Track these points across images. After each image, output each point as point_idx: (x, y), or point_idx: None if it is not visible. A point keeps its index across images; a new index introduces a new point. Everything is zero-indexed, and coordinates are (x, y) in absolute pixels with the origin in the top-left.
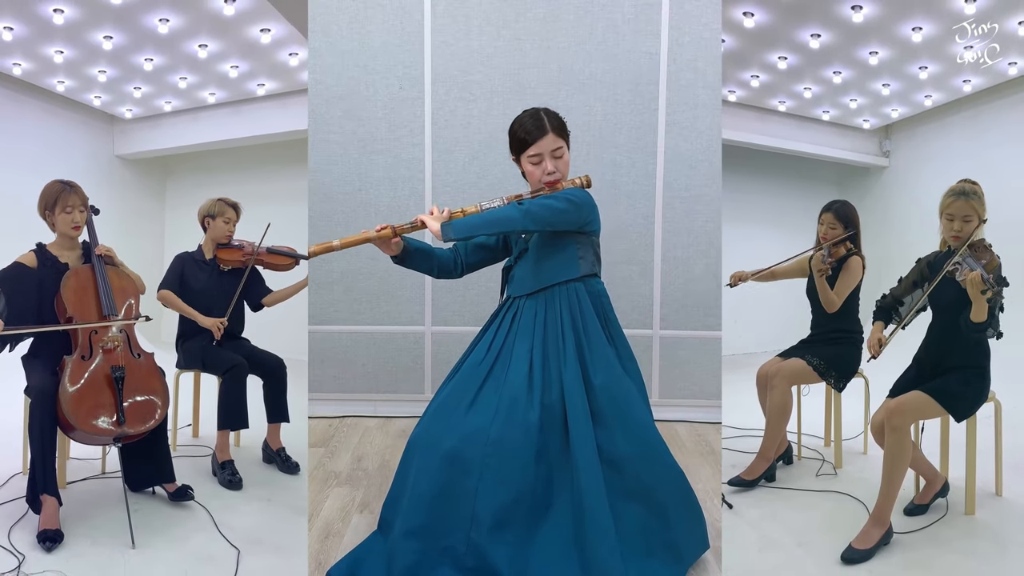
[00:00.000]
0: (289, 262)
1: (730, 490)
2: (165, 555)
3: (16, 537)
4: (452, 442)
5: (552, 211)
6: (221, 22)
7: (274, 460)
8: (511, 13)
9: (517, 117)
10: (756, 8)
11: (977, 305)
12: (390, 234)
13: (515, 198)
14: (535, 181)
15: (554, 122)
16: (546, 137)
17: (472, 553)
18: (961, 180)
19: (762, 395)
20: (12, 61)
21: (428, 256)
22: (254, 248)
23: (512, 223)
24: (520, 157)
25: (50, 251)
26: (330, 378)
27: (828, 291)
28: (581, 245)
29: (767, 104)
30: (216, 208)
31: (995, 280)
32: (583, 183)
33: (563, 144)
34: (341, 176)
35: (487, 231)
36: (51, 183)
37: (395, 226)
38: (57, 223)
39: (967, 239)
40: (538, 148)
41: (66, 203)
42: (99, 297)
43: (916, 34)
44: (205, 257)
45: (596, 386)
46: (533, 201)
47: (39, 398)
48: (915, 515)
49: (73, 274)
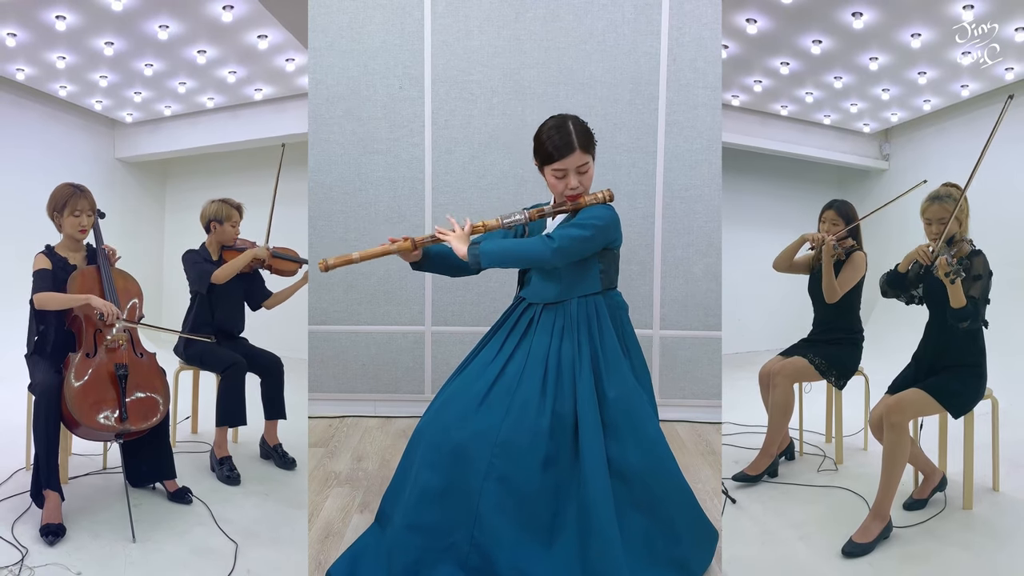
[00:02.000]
0: (294, 267)
1: (734, 485)
2: (165, 548)
3: (20, 531)
4: (460, 439)
5: (581, 242)
6: (219, 29)
7: (271, 456)
8: (511, 13)
9: (544, 125)
10: (759, 14)
11: (950, 290)
12: (409, 247)
13: (537, 213)
14: (557, 194)
15: (582, 139)
16: (572, 155)
17: (475, 552)
18: (941, 185)
19: (765, 393)
20: (15, 66)
21: (446, 260)
22: (268, 254)
23: (542, 261)
24: (543, 167)
25: (58, 252)
26: (330, 378)
27: (833, 280)
28: (604, 261)
29: (770, 108)
30: (223, 212)
31: (958, 261)
32: (606, 197)
33: (589, 160)
34: (341, 176)
35: (516, 265)
36: (62, 185)
37: (415, 239)
38: (64, 225)
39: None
40: (564, 164)
41: (75, 207)
42: (104, 297)
43: (915, 40)
44: (212, 258)
45: (610, 399)
46: (561, 236)
47: (44, 395)
48: (914, 510)
49: (79, 274)
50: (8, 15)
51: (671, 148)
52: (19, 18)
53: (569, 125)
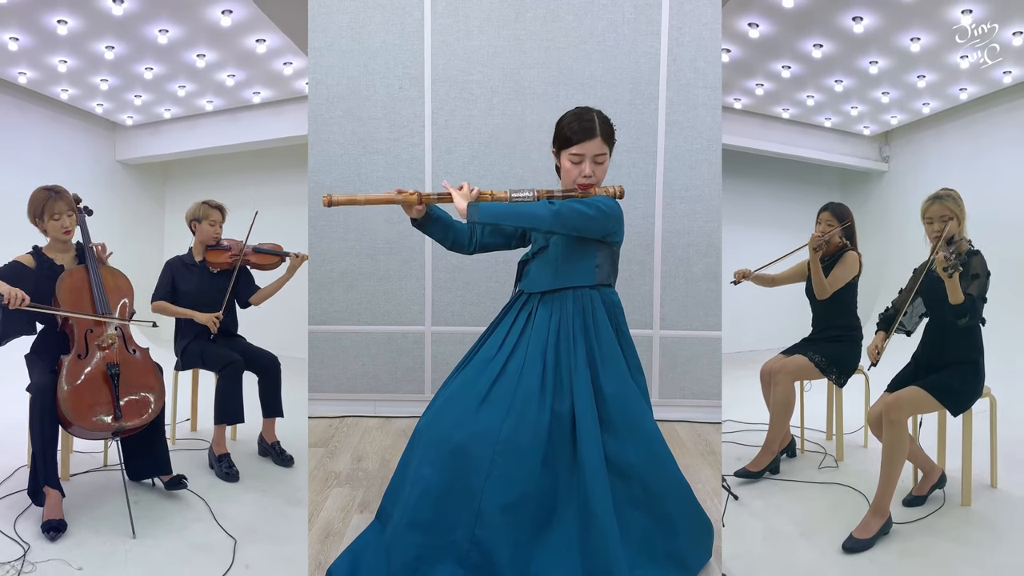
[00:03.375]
0: (275, 260)
1: (736, 481)
2: (165, 544)
3: (22, 527)
4: (461, 438)
5: (581, 217)
6: (218, 33)
7: (269, 453)
8: (511, 13)
9: (569, 112)
10: (761, 19)
11: (949, 286)
12: (415, 200)
13: (546, 194)
14: (569, 180)
15: (604, 128)
16: (593, 141)
17: (476, 550)
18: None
19: (766, 391)
20: (18, 70)
21: (447, 227)
22: (241, 248)
23: (539, 221)
24: (561, 152)
25: (46, 253)
26: (330, 378)
27: (822, 276)
28: (601, 254)
29: (771, 111)
30: (201, 211)
31: (956, 257)
32: (616, 193)
33: (607, 151)
34: (341, 176)
35: (513, 223)
36: (36, 191)
37: (423, 193)
38: (48, 230)
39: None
40: (582, 149)
41: (53, 210)
42: (93, 297)
43: (914, 44)
44: (195, 259)
45: (607, 395)
46: (564, 203)
47: (39, 395)
48: (913, 506)
49: (68, 275)
50: (10, 19)
51: (671, 148)
52: (21, 22)
53: (593, 113)
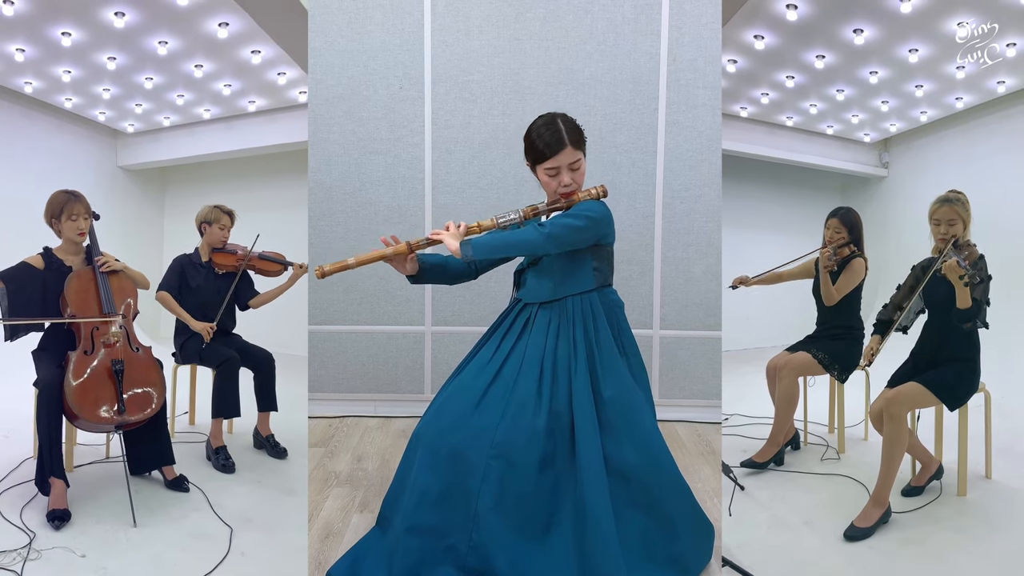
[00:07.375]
0: (278, 268)
1: (742, 472)
2: (164, 532)
3: (28, 516)
4: (457, 441)
5: (573, 231)
6: (215, 44)
7: (264, 446)
8: (511, 13)
9: (534, 124)
10: (766, 31)
11: (959, 292)
12: (405, 250)
13: (531, 211)
14: (551, 192)
15: (572, 135)
16: (564, 151)
17: (474, 554)
18: (948, 191)
19: (771, 386)
20: (24, 80)
21: (443, 269)
22: (247, 253)
23: (534, 247)
24: (536, 167)
25: (56, 255)
26: (330, 378)
27: (830, 286)
28: (597, 257)
29: (776, 119)
30: (212, 215)
31: (971, 266)
32: (599, 193)
33: (580, 156)
34: (341, 176)
35: (508, 254)
36: (56, 193)
37: (410, 242)
38: (63, 230)
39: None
40: (556, 162)
41: (71, 211)
42: (99, 297)
43: (912, 55)
44: (202, 259)
45: (606, 398)
46: (553, 223)
47: (45, 390)
48: (912, 496)
49: (76, 276)
50: (16, 31)
51: (671, 148)
52: (27, 34)
53: (558, 122)
